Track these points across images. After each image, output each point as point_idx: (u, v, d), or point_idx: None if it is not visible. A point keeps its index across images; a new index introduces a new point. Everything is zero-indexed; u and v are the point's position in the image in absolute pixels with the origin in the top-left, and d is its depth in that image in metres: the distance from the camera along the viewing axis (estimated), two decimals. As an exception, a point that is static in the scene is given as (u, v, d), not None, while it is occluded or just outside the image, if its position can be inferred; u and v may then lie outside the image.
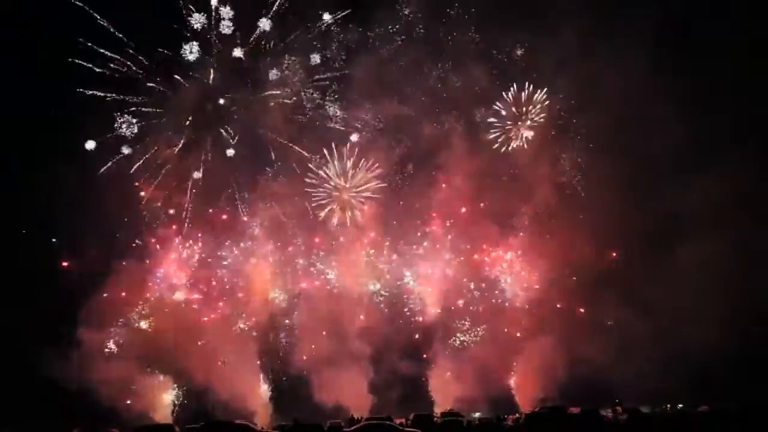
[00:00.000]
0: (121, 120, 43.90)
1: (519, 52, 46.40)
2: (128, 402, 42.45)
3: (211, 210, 46.94)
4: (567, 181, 46.58)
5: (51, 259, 44.41)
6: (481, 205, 47.33)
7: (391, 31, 45.96)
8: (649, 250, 43.91)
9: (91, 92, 43.24)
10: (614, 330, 43.03)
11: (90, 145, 43.80)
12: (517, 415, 42.39)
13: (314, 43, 46.02)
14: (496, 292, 47.65)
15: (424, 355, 47.03)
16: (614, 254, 45.88)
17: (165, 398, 44.75)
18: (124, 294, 44.49)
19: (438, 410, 43.74)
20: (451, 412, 40.85)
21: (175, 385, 45.10)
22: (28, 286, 41.74)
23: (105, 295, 43.26)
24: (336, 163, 46.03)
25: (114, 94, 43.97)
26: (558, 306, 45.76)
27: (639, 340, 41.60)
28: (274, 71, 45.59)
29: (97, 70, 43.36)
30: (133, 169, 44.92)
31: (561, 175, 46.53)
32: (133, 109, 44.42)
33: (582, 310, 44.70)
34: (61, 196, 42.65)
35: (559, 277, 45.42)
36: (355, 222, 46.61)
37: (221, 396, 42.93)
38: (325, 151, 46.15)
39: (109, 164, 44.44)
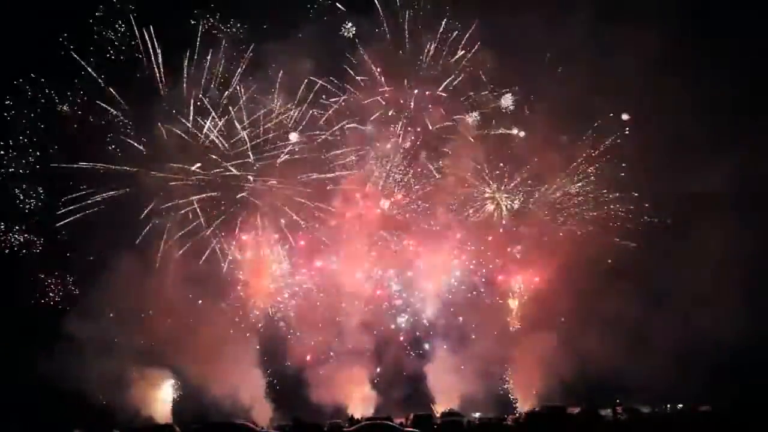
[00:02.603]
0: None
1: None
2: (127, 402, 42.20)
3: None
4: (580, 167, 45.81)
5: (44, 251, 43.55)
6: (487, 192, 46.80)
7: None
8: (660, 243, 43.31)
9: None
10: (622, 326, 41.86)
11: None
12: (517, 414, 42.40)
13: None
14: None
15: (426, 354, 46.96)
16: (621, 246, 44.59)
17: (164, 398, 44.63)
18: (120, 289, 43.93)
19: (438, 410, 43.78)
20: (451, 412, 40.92)
21: (175, 385, 44.97)
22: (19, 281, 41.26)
23: (101, 289, 42.85)
24: None
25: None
26: (564, 300, 45.22)
27: (649, 336, 41.17)
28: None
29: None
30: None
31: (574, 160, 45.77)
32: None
33: (588, 304, 43.99)
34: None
35: (567, 268, 44.77)
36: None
37: (221, 396, 42.86)
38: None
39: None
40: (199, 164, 44.35)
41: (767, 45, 39.92)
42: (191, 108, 43.76)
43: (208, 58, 43.40)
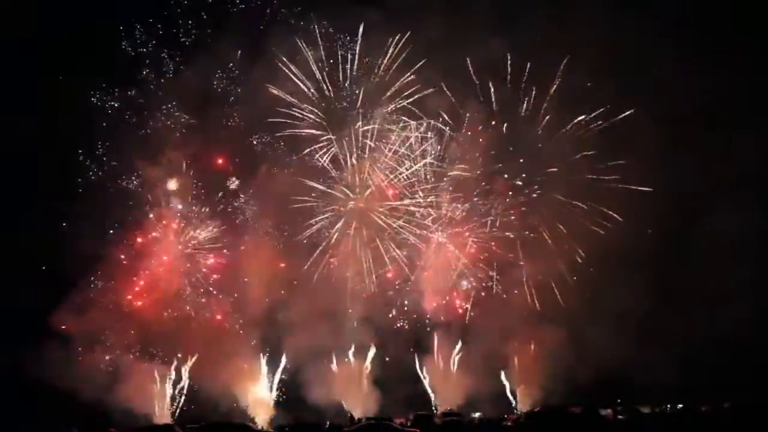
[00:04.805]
0: None
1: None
2: (125, 402, 42.03)
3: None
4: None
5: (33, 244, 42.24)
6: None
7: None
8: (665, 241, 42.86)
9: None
10: (623, 325, 41.37)
11: None
12: (518, 414, 42.40)
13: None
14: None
15: (427, 353, 46.86)
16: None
17: (163, 398, 44.52)
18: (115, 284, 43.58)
19: (439, 409, 43.77)
20: (451, 411, 40.94)
21: (173, 385, 44.85)
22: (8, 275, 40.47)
23: (95, 285, 42.56)
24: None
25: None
26: (567, 299, 44.95)
27: (651, 335, 40.95)
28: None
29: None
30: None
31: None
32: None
33: (590, 304, 43.68)
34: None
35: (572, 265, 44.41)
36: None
37: (220, 395, 42.78)
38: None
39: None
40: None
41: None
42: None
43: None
